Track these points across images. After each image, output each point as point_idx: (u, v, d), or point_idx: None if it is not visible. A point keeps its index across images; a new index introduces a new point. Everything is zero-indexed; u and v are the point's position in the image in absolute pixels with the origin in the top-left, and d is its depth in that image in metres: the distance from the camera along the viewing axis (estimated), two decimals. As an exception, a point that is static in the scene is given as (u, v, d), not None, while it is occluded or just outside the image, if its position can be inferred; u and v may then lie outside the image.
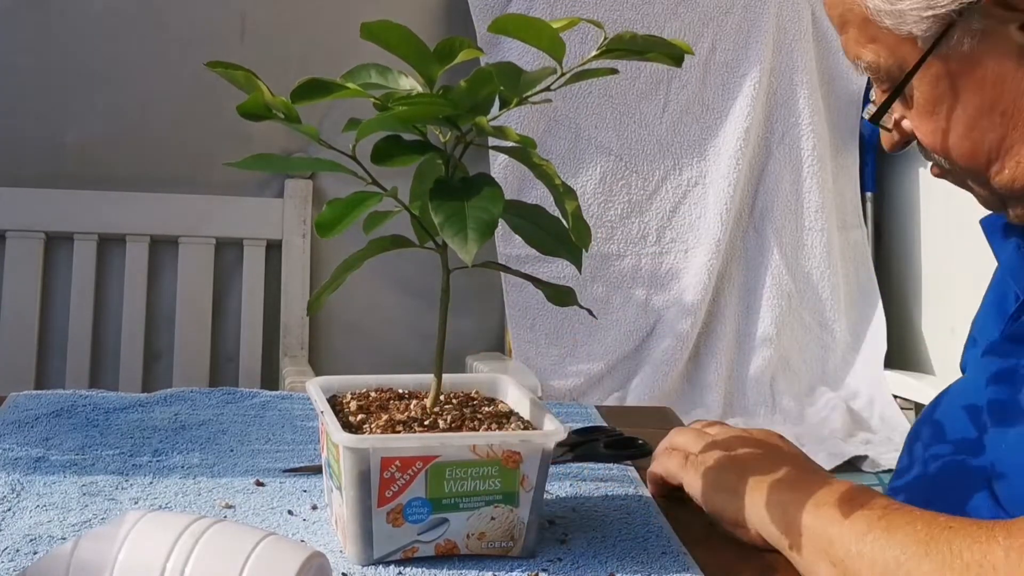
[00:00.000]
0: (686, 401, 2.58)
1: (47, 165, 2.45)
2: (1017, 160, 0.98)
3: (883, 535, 0.84)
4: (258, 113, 0.86)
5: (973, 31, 0.94)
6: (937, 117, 0.98)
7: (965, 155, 0.99)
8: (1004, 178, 0.99)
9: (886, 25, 0.96)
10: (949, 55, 0.95)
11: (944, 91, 0.97)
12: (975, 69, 0.96)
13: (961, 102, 0.97)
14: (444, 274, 0.91)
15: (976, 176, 1.01)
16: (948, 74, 0.96)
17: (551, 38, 0.85)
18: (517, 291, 2.54)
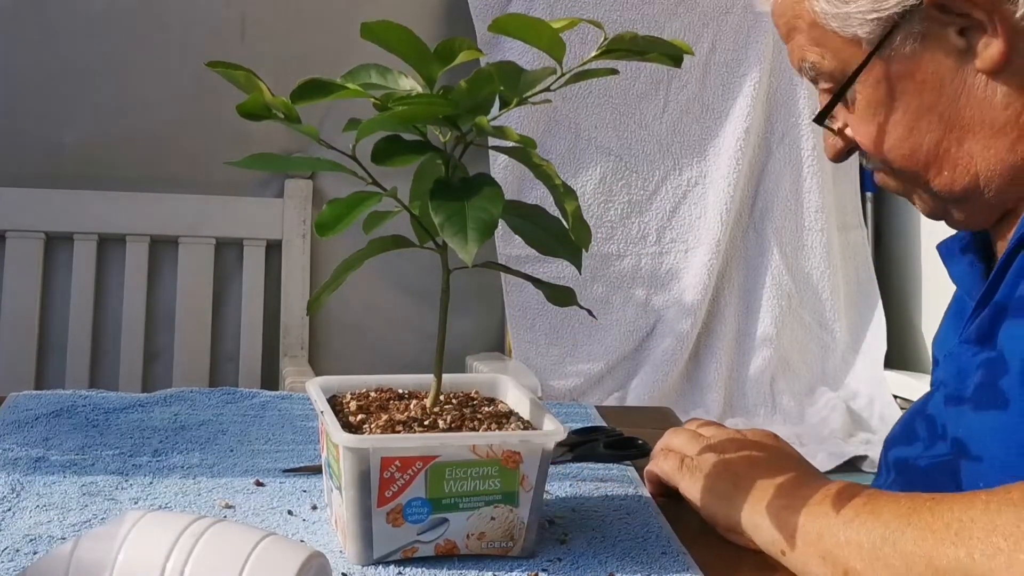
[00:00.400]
0: (686, 401, 2.58)
1: (47, 165, 2.45)
2: (954, 163, 1.00)
3: (869, 517, 0.85)
4: (258, 113, 0.86)
5: (915, 34, 0.97)
6: (877, 119, 1.01)
7: (904, 157, 1.01)
8: (943, 181, 1.01)
9: (832, 28, 0.99)
10: (891, 57, 0.98)
11: (885, 93, 1.00)
12: (915, 72, 0.98)
13: (901, 104, 1.00)
14: (444, 274, 0.91)
15: (916, 180, 1.03)
16: (889, 76, 0.99)
17: (551, 38, 0.85)
18: (517, 291, 2.54)
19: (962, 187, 1.01)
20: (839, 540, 0.85)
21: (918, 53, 0.98)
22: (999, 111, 0.98)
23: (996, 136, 0.99)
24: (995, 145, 0.99)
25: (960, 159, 1.00)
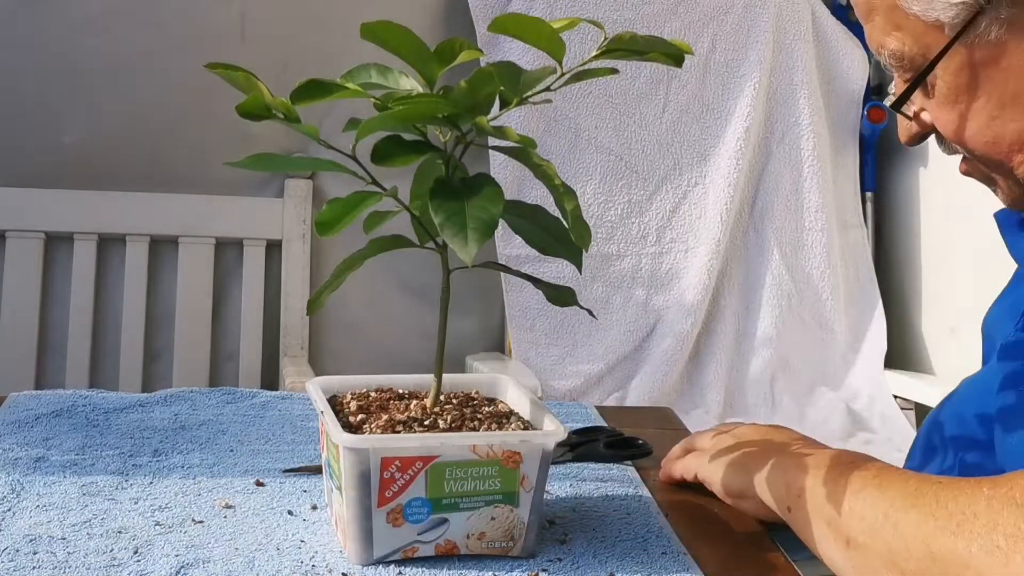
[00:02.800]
0: (686, 401, 2.58)
1: (47, 165, 2.45)
2: None
3: (875, 491, 0.85)
4: (257, 113, 0.86)
5: (1000, 19, 0.94)
6: (959, 106, 0.98)
7: (987, 145, 0.98)
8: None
9: (914, 11, 0.96)
10: (975, 43, 0.95)
11: (968, 80, 0.97)
12: (1000, 58, 0.95)
13: (984, 91, 0.97)
14: (444, 274, 0.91)
15: (999, 167, 1.00)
16: (972, 63, 0.96)
17: (551, 38, 0.85)
18: (517, 291, 2.54)
19: None
20: (844, 508, 0.86)
21: (1003, 40, 0.95)
22: None
23: None
24: None
25: None
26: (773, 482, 0.94)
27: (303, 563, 0.88)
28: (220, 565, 0.87)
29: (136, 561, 0.87)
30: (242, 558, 0.89)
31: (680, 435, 1.31)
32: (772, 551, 0.95)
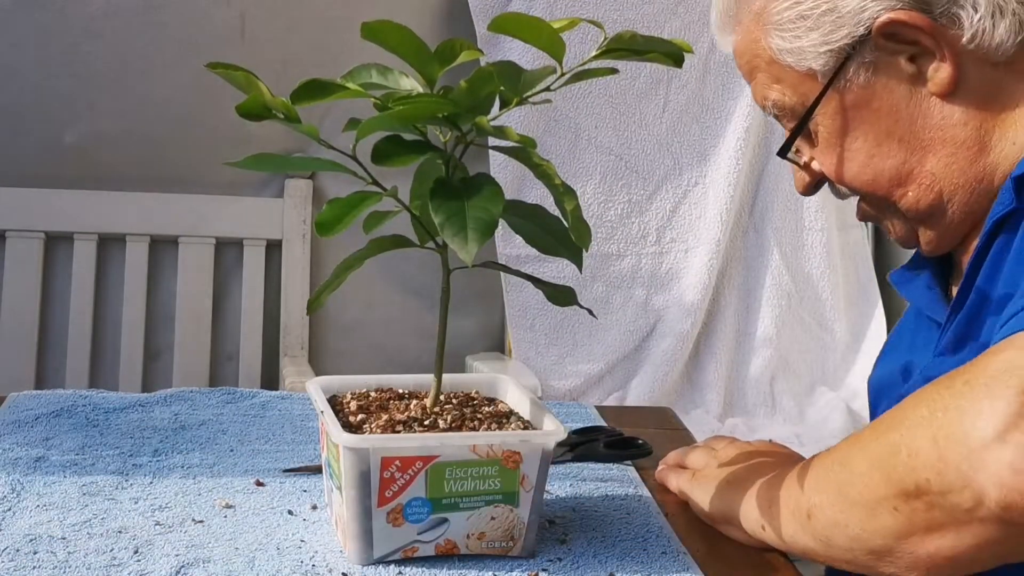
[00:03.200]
0: (686, 401, 2.58)
1: (47, 165, 2.44)
2: (918, 182, 1.03)
3: (823, 457, 0.88)
4: (257, 113, 0.86)
5: (867, 63, 1.01)
6: (838, 149, 1.04)
7: (868, 183, 1.05)
8: (909, 200, 1.04)
9: (788, 63, 1.03)
10: (846, 88, 1.02)
11: (843, 123, 1.03)
12: (871, 100, 1.02)
13: (860, 132, 1.03)
14: (444, 274, 0.91)
15: (883, 203, 1.06)
16: (845, 107, 1.03)
17: (551, 38, 0.85)
18: (517, 291, 2.54)
19: (928, 204, 1.04)
20: (803, 486, 0.88)
21: (872, 82, 1.02)
22: (959, 128, 1.01)
23: (957, 152, 1.02)
24: (956, 161, 1.02)
25: (923, 178, 1.03)
26: (747, 508, 0.95)
27: (303, 563, 0.88)
28: (220, 565, 0.87)
29: (136, 561, 0.87)
30: (242, 558, 0.89)
31: (680, 435, 1.31)
32: (772, 551, 0.95)
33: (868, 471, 0.82)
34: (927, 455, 0.77)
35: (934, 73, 1.00)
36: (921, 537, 0.79)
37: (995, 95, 1.00)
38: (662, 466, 1.12)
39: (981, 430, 0.74)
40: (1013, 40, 0.99)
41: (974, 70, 1.00)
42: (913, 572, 0.82)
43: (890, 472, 0.80)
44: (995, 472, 0.73)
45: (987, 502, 0.74)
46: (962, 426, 0.75)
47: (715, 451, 1.08)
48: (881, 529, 0.81)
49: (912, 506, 0.79)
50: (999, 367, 0.76)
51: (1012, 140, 1.00)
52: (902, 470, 0.79)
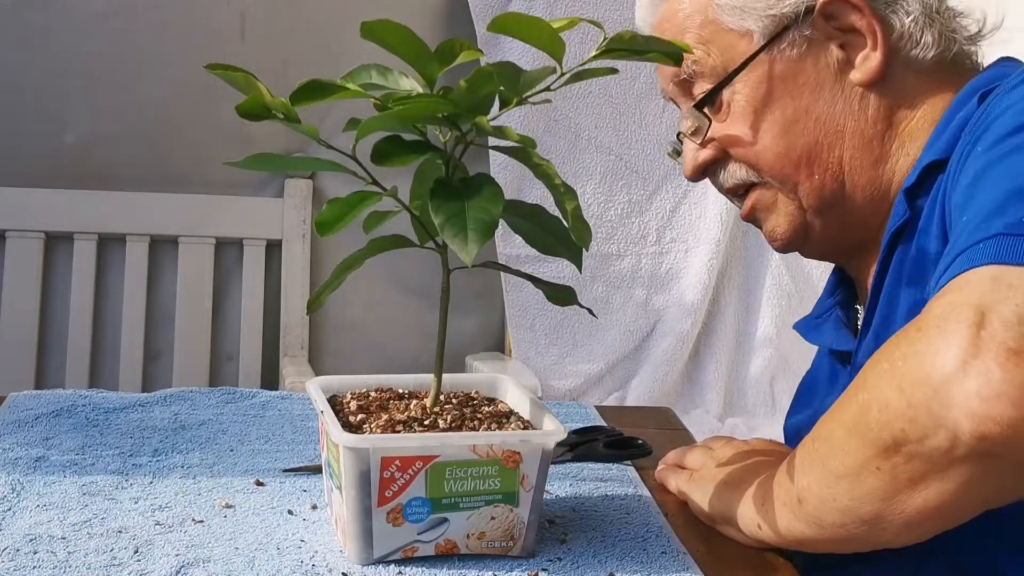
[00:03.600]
0: (686, 401, 2.58)
1: (47, 165, 2.44)
2: (825, 167, 1.06)
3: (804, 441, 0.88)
4: (257, 113, 0.86)
5: (802, 38, 1.05)
6: (755, 118, 1.07)
7: (779, 156, 1.06)
8: (813, 184, 1.07)
9: (726, 22, 1.06)
10: (777, 57, 1.06)
11: (766, 92, 1.06)
12: (798, 75, 1.06)
13: (780, 105, 1.06)
14: (444, 274, 0.91)
15: (786, 182, 1.07)
16: (772, 76, 1.06)
17: (551, 38, 0.85)
18: (517, 291, 2.54)
19: (831, 192, 1.07)
20: (790, 475, 0.88)
21: (802, 58, 1.05)
22: (869, 124, 1.06)
23: (865, 148, 1.06)
24: (863, 157, 1.06)
25: (831, 164, 1.06)
26: (743, 509, 0.95)
27: (303, 563, 0.88)
28: (220, 565, 0.87)
29: (136, 561, 0.87)
30: (242, 558, 0.89)
31: (680, 435, 1.31)
32: (772, 551, 0.95)
33: (846, 438, 0.82)
34: (896, 405, 0.77)
35: (863, 61, 1.05)
36: (907, 493, 0.79)
37: (904, 102, 1.06)
38: (661, 466, 1.12)
39: (941, 367, 0.74)
40: (933, 53, 1.06)
41: (897, 70, 1.06)
42: (905, 534, 0.82)
43: (865, 432, 0.80)
44: (964, 404, 0.73)
45: (962, 437, 0.74)
46: (923, 368, 0.76)
47: (713, 451, 1.08)
48: (868, 494, 0.81)
49: (892, 462, 0.79)
50: (945, 309, 0.77)
51: (907, 151, 1.05)
52: (876, 427, 0.79)
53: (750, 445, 1.07)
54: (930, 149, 1.02)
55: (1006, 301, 0.75)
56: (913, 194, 1.01)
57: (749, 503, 0.94)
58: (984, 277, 0.78)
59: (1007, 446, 0.73)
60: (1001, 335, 0.73)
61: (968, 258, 0.80)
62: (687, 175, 1.14)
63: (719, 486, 1.00)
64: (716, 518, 0.99)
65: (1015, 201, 0.82)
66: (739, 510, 0.95)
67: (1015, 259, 0.77)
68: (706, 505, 1.00)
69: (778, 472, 0.92)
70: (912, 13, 1.05)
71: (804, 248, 1.13)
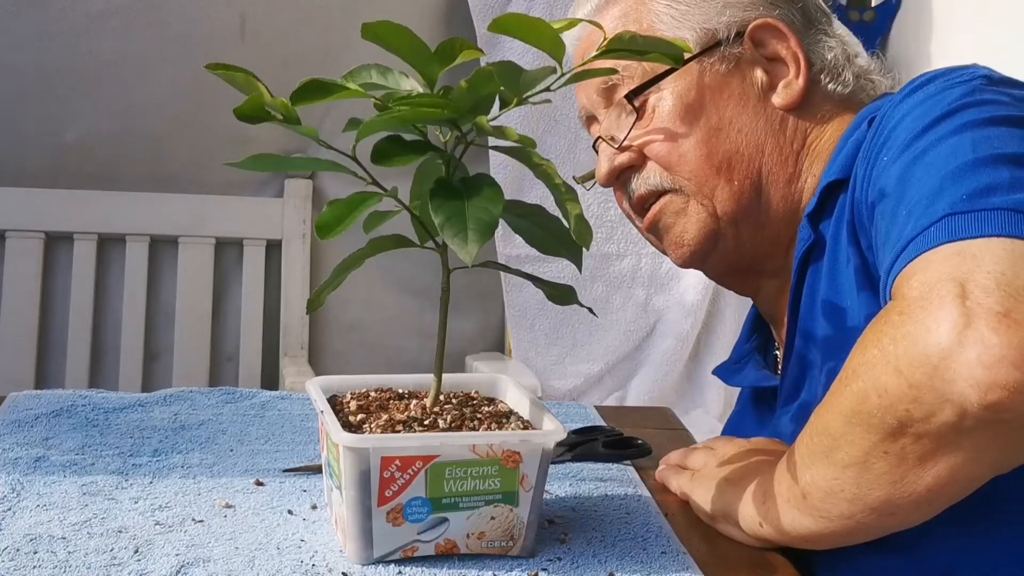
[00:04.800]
0: (686, 401, 2.58)
1: (47, 165, 2.45)
2: (744, 176, 1.10)
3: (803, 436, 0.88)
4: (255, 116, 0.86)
5: (730, 56, 1.12)
6: (680, 122, 1.11)
7: (699, 159, 1.10)
8: (731, 190, 1.10)
9: (660, 28, 1.12)
10: (705, 69, 1.11)
11: (694, 99, 1.11)
12: (723, 88, 1.11)
13: (705, 113, 1.11)
14: (444, 274, 0.91)
15: (703, 187, 1.10)
16: (700, 85, 1.11)
17: (551, 38, 0.85)
18: (517, 291, 2.54)
19: (748, 200, 1.10)
20: (791, 471, 0.89)
21: (729, 73, 1.12)
22: (786, 143, 1.11)
23: (782, 165, 1.11)
24: (779, 172, 1.11)
25: (751, 173, 1.10)
26: (744, 508, 0.95)
27: (303, 562, 0.88)
28: (220, 564, 0.87)
29: (136, 560, 0.87)
30: (242, 557, 0.89)
31: (680, 435, 1.31)
32: (772, 551, 0.95)
33: (846, 428, 0.82)
34: (896, 388, 0.77)
35: (785, 87, 1.12)
36: (917, 472, 0.80)
37: (818, 126, 1.12)
38: (663, 466, 1.12)
39: (936, 343, 0.75)
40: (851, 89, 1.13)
41: (816, 97, 1.12)
42: (914, 514, 0.83)
43: (868, 419, 0.80)
44: (967, 374, 0.74)
45: (970, 408, 0.74)
46: (918, 347, 0.76)
47: (714, 451, 1.08)
48: (876, 479, 0.81)
49: (900, 443, 0.79)
50: (921, 290, 0.78)
51: (814, 173, 1.10)
52: (879, 413, 0.79)
53: (752, 444, 1.07)
54: (828, 171, 1.07)
55: (978, 270, 0.76)
56: (815, 218, 1.06)
57: (749, 501, 0.94)
58: (947, 254, 0.79)
59: (1015, 409, 0.73)
60: (986, 302, 0.74)
61: (921, 242, 0.82)
62: (601, 179, 1.17)
63: (720, 484, 1.00)
64: (717, 516, 0.99)
65: (949, 185, 0.84)
66: (740, 508, 0.95)
67: (969, 233, 0.79)
68: (707, 503, 1.00)
69: (776, 471, 0.92)
70: (833, 50, 1.14)
71: (709, 260, 1.15)
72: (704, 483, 1.02)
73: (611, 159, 1.15)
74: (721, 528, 0.99)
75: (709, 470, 1.04)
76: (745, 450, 1.05)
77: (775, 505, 0.91)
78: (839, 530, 0.86)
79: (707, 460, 1.07)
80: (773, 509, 0.91)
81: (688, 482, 1.05)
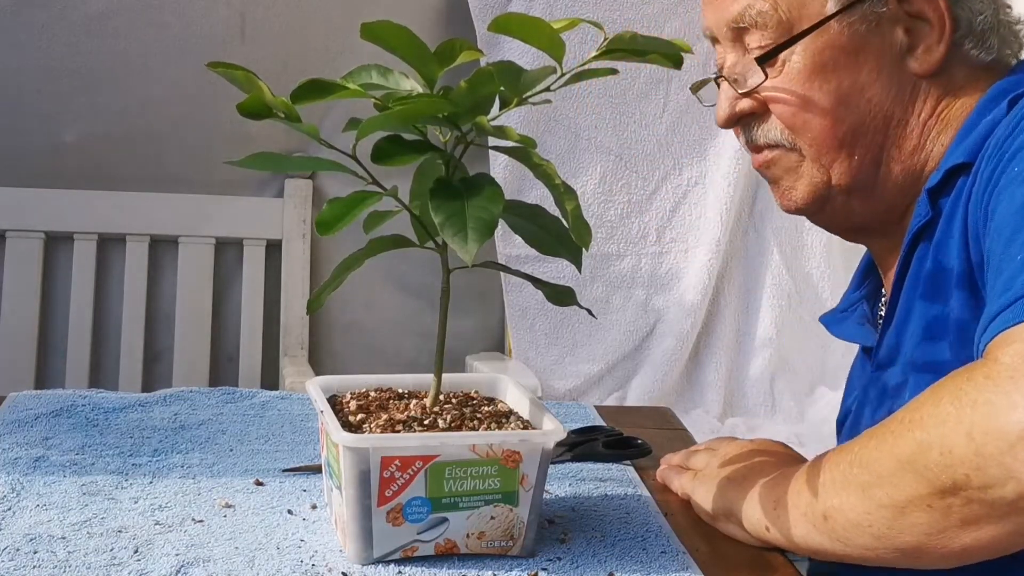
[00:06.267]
0: (686, 401, 2.58)
1: (47, 165, 2.44)
2: (865, 149, 1.04)
3: (837, 455, 0.88)
4: (258, 112, 0.86)
5: (874, 15, 1.03)
6: (810, 84, 1.04)
7: (824, 128, 1.04)
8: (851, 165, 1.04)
9: None
10: (845, 28, 1.03)
11: (827, 60, 1.03)
12: (861, 50, 1.03)
13: (837, 77, 1.03)
14: (444, 274, 0.91)
15: (822, 158, 1.05)
16: (837, 45, 1.03)
17: (551, 38, 0.85)
18: (517, 291, 2.54)
19: (865, 175, 1.05)
20: (815, 488, 0.87)
21: (870, 34, 1.03)
22: (914, 114, 1.04)
23: (906, 137, 1.04)
24: (902, 145, 1.05)
25: (872, 147, 1.04)
26: (749, 508, 0.95)
27: (303, 562, 0.88)
28: (220, 564, 0.87)
29: (136, 560, 0.87)
30: (242, 557, 0.89)
31: (680, 435, 1.31)
32: (772, 551, 0.95)
33: (896, 472, 0.80)
34: (963, 451, 0.76)
35: (925, 52, 1.03)
36: (957, 531, 0.79)
37: (950, 95, 1.04)
38: (664, 466, 1.12)
39: (1018, 422, 0.73)
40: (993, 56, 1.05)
41: (953, 64, 1.04)
42: (942, 563, 0.82)
43: (923, 471, 0.78)
44: None
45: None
46: (997, 420, 0.74)
47: (716, 451, 1.08)
48: (912, 527, 0.81)
49: (948, 502, 0.78)
50: (1015, 360, 0.76)
51: (941, 143, 1.04)
52: (936, 468, 0.78)
53: (754, 444, 1.07)
54: (955, 150, 1.01)
55: None
56: (935, 194, 1.00)
57: (756, 504, 0.94)
58: None
59: None
60: None
61: None
62: (719, 122, 1.11)
63: (722, 483, 1.00)
64: (719, 515, 0.99)
65: None
66: (744, 509, 0.95)
67: None
68: (709, 501, 1.00)
69: (794, 480, 0.91)
70: (984, 13, 1.04)
71: (815, 218, 1.11)
72: (706, 483, 1.02)
73: (732, 103, 1.09)
74: (722, 527, 0.99)
75: (711, 470, 1.04)
76: (747, 450, 1.05)
77: (787, 515, 0.90)
78: (854, 556, 0.86)
79: (709, 461, 1.07)
80: (784, 518, 0.90)
81: (690, 482, 1.05)
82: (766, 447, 1.06)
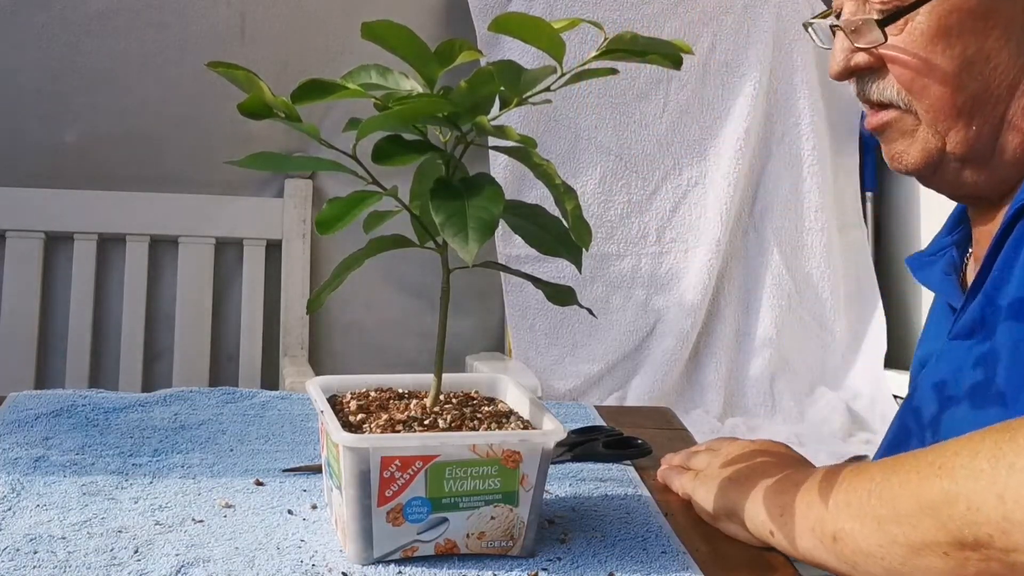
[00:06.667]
0: (686, 401, 2.58)
1: (47, 165, 2.45)
2: (984, 120, 0.99)
3: (856, 478, 0.86)
4: (259, 112, 0.86)
5: None
6: (933, 47, 0.98)
7: (942, 97, 0.99)
8: (968, 135, 1.00)
9: None
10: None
11: (955, 23, 0.97)
12: (991, 14, 0.97)
13: (962, 42, 0.98)
14: (444, 274, 0.91)
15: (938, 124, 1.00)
16: (964, 8, 0.97)
17: (551, 38, 0.85)
18: (517, 291, 2.54)
19: (982, 146, 1.00)
20: (828, 506, 0.86)
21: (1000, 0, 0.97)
22: None
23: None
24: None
25: (993, 118, 0.99)
26: (753, 510, 0.95)
27: (303, 562, 0.88)
28: (220, 564, 0.87)
29: (136, 560, 0.87)
30: (242, 557, 0.89)
31: (680, 435, 1.31)
32: (772, 551, 0.95)
33: (917, 514, 0.79)
34: (992, 512, 0.74)
35: None
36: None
37: None
38: (665, 466, 1.12)
39: None
40: None
41: None
42: None
43: (945, 521, 0.77)
44: None
45: None
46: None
47: (717, 452, 1.08)
48: (924, 570, 0.79)
49: (965, 555, 0.76)
50: None
51: None
52: (960, 522, 0.76)
53: (755, 444, 1.07)
54: None
55: None
56: None
57: (761, 507, 0.93)
58: None
59: None
60: None
61: None
62: (832, 74, 1.06)
63: (724, 483, 0.99)
64: (720, 515, 0.99)
65: None
66: (748, 509, 0.95)
67: None
68: (710, 501, 0.99)
69: (805, 491, 0.90)
70: None
71: (924, 180, 1.06)
72: (707, 483, 1.02)
73: (848, 56, 1.04)
74: (723, 527, 0.99)
75: (712, 470, 1.04)
76: (749, 450, 1.05)
77: (794, 524, 0.89)
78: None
79: (710, 461, 1.07)
80: (790, 527, 0.89)
81: (691, 482, 1.05)
82: (767, 447, 1.06)
